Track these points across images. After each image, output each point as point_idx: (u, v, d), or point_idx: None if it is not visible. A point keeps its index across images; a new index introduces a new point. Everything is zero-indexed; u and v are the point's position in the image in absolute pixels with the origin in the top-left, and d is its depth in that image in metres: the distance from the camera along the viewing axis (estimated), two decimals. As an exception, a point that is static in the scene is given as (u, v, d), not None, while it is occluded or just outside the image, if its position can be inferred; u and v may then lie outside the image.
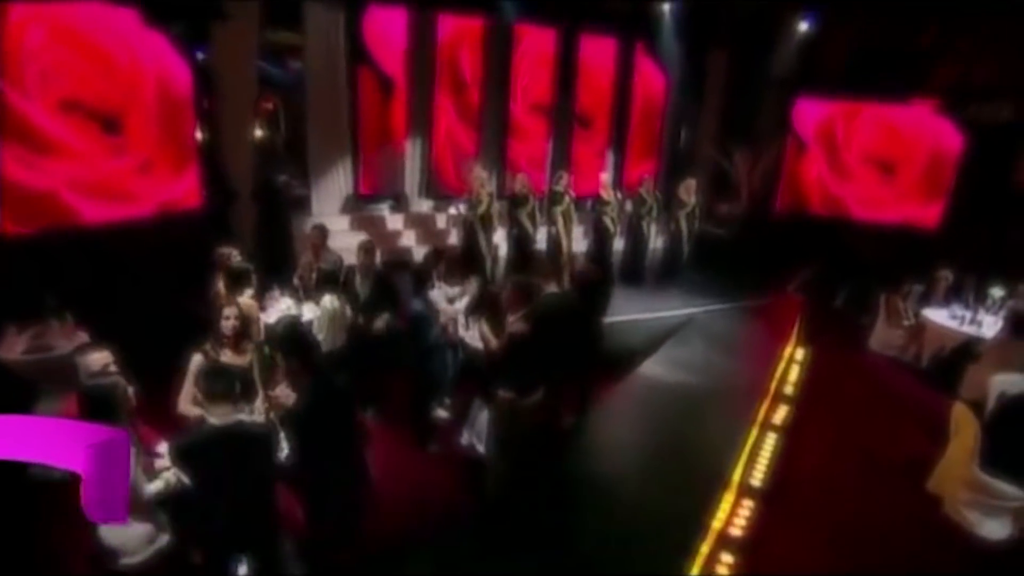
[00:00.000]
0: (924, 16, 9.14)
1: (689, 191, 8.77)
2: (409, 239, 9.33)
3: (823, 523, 4.30)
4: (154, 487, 2.98)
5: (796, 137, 10.36)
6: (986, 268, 7.37)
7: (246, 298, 4.37)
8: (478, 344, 4.87)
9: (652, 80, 10.52)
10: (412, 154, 9.48)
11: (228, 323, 3.74)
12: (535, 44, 9.53)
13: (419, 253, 9.15)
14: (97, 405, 2.87)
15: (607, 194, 8.41)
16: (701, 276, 8.64)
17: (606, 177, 8.58)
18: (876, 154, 10.00)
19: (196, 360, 3.65)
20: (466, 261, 7.52)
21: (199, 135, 7.19)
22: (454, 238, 9.63)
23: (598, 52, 10.00)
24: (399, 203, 9.52)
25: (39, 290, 5.02)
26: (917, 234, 9.40)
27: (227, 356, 3.74)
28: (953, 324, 6.77)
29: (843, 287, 8.61)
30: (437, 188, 9.68)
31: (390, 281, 5.49)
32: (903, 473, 4.96)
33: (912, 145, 9.74)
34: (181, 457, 2.91)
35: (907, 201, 9.86)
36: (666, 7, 9.37)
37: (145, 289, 5.96)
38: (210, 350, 3.70)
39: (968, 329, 6.63)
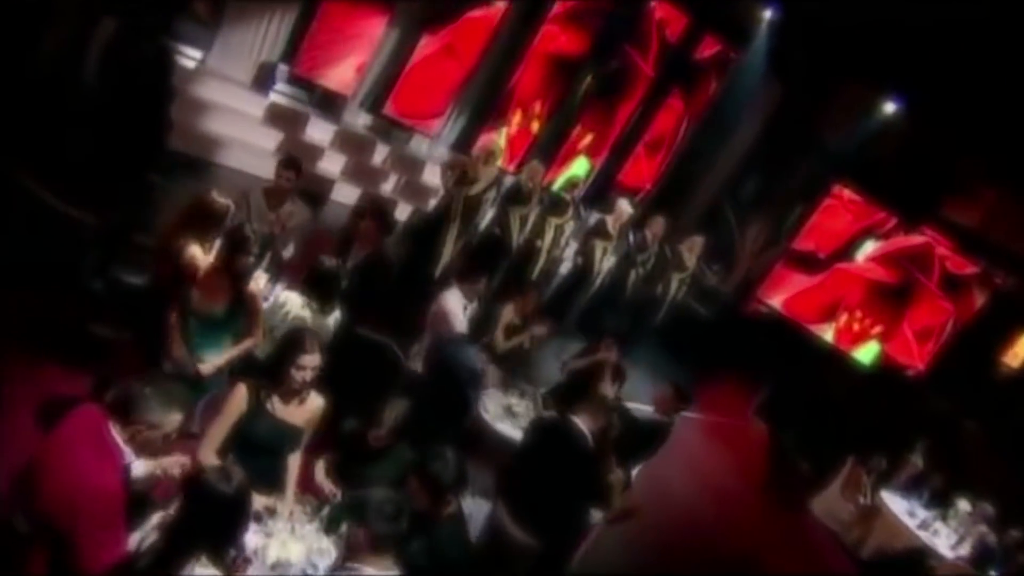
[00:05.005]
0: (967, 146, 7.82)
1: (692, 251, 7.00)
2: (333, 165, 6.67)
3: None
4: None
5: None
6: (954, 465, 6.71)
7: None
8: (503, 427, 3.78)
9: (704, 86, 8.36)
10: (381, 49, 6.66)
11: (302, 374, 2.64)
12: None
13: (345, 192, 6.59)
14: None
15: (614, 226, 6.45)
16: (665, 358, 7.05)
17: (625, 206, 6.54)
18: (885, 273, 8.79)
19: (239, 397, 2.63)
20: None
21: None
22: (391, 184, 7.13)
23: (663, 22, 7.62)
24: (330, 108, 6.75)
25: None
26: (896, 381, 8.42)
27: (280, 408, 2.68)
28: (910, 522, 6.10)
29: (797, 421, 7.53)
30: (389, 107, 7.03)
31: (387, 262, 4.21)
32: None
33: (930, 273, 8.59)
34: None
35: (899, 336, 8.72)
36: (767, 14, 7.13)
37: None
38: (261, 392, 2.66)
39: (923, 534, 6.00)
